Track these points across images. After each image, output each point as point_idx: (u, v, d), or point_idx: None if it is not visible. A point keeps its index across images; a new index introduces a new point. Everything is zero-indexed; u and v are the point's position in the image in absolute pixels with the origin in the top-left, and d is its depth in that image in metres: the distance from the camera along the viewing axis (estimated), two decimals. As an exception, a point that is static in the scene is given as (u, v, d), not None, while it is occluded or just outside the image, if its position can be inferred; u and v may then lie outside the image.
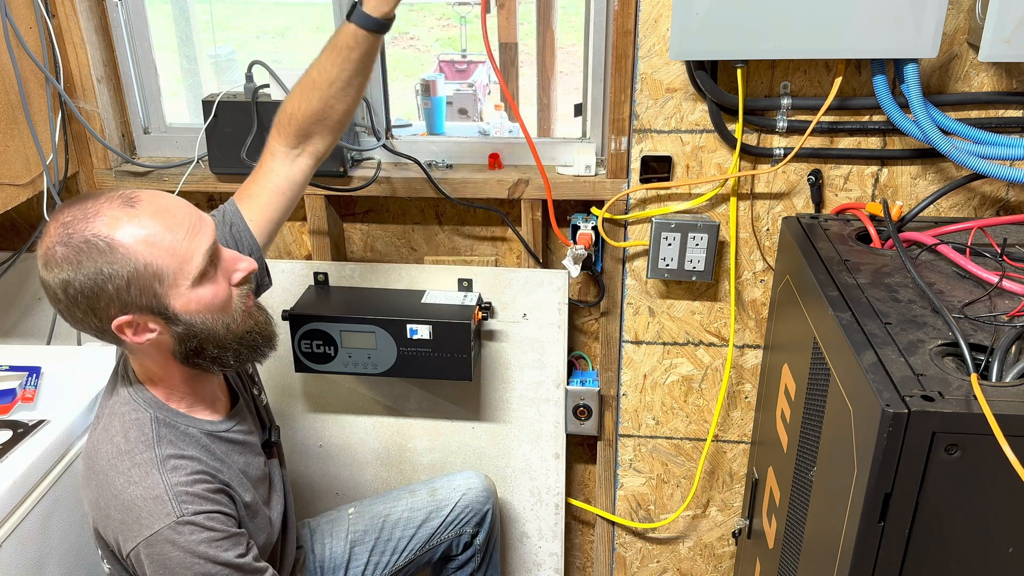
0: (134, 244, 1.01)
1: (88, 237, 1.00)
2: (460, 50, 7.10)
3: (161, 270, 1.02)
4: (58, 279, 1.01)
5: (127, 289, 1.01)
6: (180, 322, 1.06)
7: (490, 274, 1.67)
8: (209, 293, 1.07)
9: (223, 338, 1.10)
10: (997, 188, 1.48)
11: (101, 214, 1.01)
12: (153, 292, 1.03)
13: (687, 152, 1.53)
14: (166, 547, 1.05)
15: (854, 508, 0.98)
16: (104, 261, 1.00)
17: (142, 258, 1.01)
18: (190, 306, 1.06)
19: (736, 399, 1.73)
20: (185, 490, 1.08)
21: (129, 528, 1.07)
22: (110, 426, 1.13)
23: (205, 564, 1.07)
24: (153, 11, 1.69)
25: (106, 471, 1.09)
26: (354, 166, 1.68)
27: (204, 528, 1.07)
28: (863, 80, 1.42)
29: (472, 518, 1.63)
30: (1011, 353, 1.01)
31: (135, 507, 1.06)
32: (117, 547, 1.10)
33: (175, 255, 1.03)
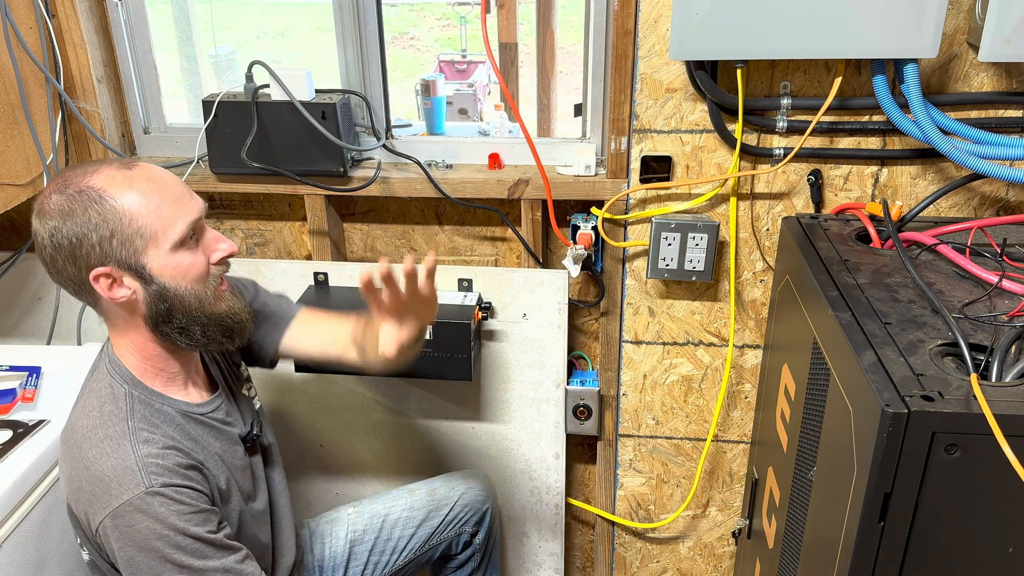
0: (123, 199, 1.07)
1: (82, 188, 1.07)
2: (460, 50, 7.11)
3: (144, 227, 1.08)
4: (48, 226, 1.07)
5: (110, 240, 1.06)
6: (154, 283, 1.10)
7: (490, 274, 1.67)
8: (186, 261, 1.12)
9: (194, 310, 1.13)
10: (997, 188, 1.48)
11: (99, 172, 1.09)
12: (134, 247, 1.08)
13: (687, 152, 1.53)
14: (134, 517, 1.06)
15: (854, 508, 0.98)
16: (93, 211, 1.06)
17: (128, 213, 1.07)
18: (166, 270, 1.10)
19: (736, 399, 1.73)
20: (156, 462, 1.09)
21: (99, 499, 1.08)
22: (87, 402, 1.15)
23: (174, 536, 1.07)
24: (153, 11, 1.69)
25: (80, 443, 1.11)
26: (354, 166, 1.68)
27: (173, 500, 1.08)
28: (863, 80, 1.42)
29: (471, 517, 1.63)
30: (1011, 353, 1.01)
31: (105, 478, 1.08)
32: (87, 523, 1.10)
33: (159, 216, 1.09)
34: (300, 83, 1.57)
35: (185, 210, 1.11)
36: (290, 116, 1.57)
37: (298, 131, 1.59)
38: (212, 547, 1.11)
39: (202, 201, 1.16)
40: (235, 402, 1.33)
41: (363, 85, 1.68)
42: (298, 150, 1.61)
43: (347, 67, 1.67)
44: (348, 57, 1.66)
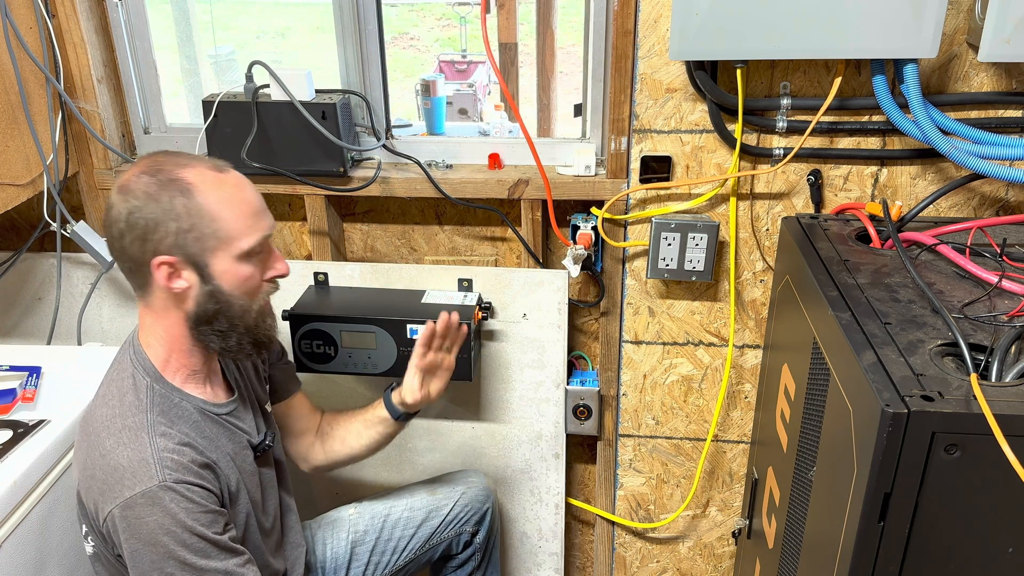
0: (211, 198, 1.11)
1: (175, 177, 1.10)
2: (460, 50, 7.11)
3: (221, 229, 1.11)
4: (128, 204, 1.10)
5: (187, 232, 1.10)
6: (211, 283, 1.14)
7: (490, 274, 1.67)
8: (246, 272, 1.16)
9: (236, 318, 1.17)
10: (997, 188, 1.48)
11: (193, 167, 1.12)
12: (205, 246, 1.11)
13: (687, 152, 1.53)
14: (144, 510, 1.07)
15: (854, 508, 0.98)
16: (180, 201, 1.09)
17: (211, 212, 1.11)
18: (226, 275, 1.14)
19: (736, 399, 1.73)
20: (172, 457, 1.10)
21: (111, 489, 1.08)
22: (108, 392, 1.17)
23: (181, 532, 1.08)
24: (153, 11, 1.69)
25: (98, 431, 1.12)
26: (354, 166, 1.68)
27: (184, 497, 1.09)
28: (863, 80, 1.42)
29: (471, 517, 1.63)
30: (1011, 353, 1.01)
31: (119, 468, 1.08)
32: (95, 512, 1.11)
33: (237, 224, 1.13)
34: (300, 83, 1.57)
35: (260, 225, 1.16)
36: (290, 116, 1.57)
37: (298, 131, 1.59)
38: (216, 548, 1.11)
39: (273, 220, 1.21)
40: (252, 411, 1.34)
41: (363, 85, 1.68)
42: (298, 150, 1.61)
43: (347, 67, 1.67)
44: (348, 57, 1.66)
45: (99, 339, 1.81)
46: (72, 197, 1.77)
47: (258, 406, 1.38)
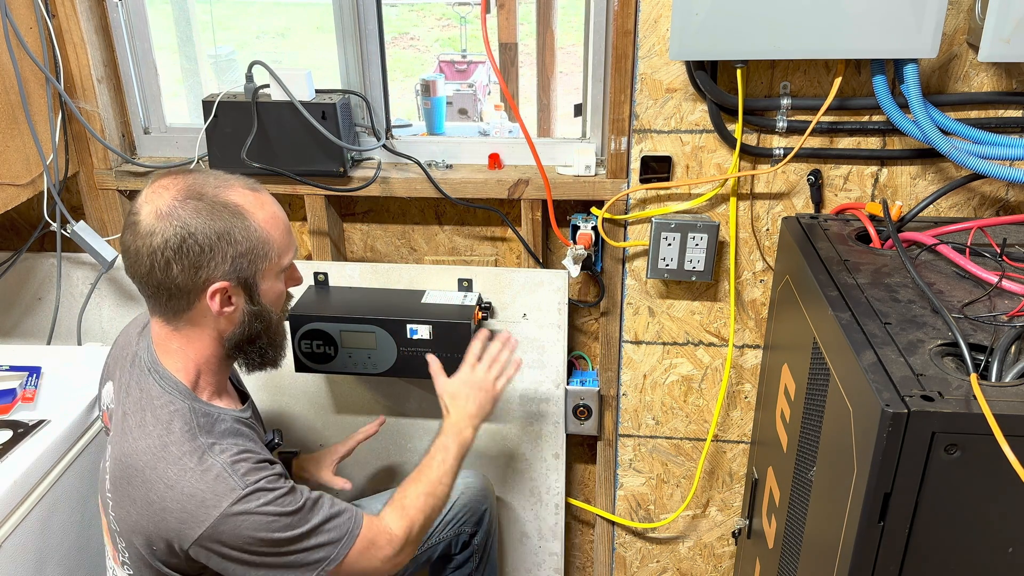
0: (260, 220, 1.11)
1: (225, 201, 1.09)
2: (460, 50, 7.12)
3: (271, 249, 1.13)
4: (179, 230, 1.06)
5: (244, 255, 1.10)
6: (258, 303, 1.15)
7: (490, 274, 1.67)
8: (279, 287, 1.18)
9: (274, 333, 1.20)
10: (997, 188, 1.48)
11: (233, 188, 1.11)
12: (257, 268, 1.12)
13: (687, 152, 1.53)
14: (239, 519, 1.07)
15: (854, 508, 0.98)
16: (236, 225, 1.08)
17: (264, 233, 1.11)
18: (269, 293, 1.16)
19: (736, 399, 1.73)
20: (241, 463, 1.10)
21: (194, 515, 1.07)
22: (144, 422, 1.12)
23: (280, 519, 1.09)
24: (153, 11, 1.69)
25: (154, 465, 1.09)
26: (354, 166, 1.68)
27: (270, 490, 1.10)
28: (863, 80, 1.42)
29: (470, 517, 1.63)
30: (1011, 353, 1.01)
31: (197, 492, 1.07)
32: (177, 540, 1.09)
33: (284, 240, 1.15)
34: (300, 83, 1.57)
35: (293, 240, 1.18)
36: (290, 116, 1.57)
37: (298, 131, 1.59)
38: (307, 509, 1.13)
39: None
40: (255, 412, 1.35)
41: (363, 85, 1.68)
42: (298, 150, 1.61)
43: (347, 67, 1.67)
44: (348, 57, 1.66)
45: (99, 339, 1.81)
46: (72, 197, 1.77)
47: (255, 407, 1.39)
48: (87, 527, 1.39)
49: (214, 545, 1.08)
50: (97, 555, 1.41)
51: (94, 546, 1.41)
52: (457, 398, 1.39)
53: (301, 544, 1.12)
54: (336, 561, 1.15)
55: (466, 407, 1.38)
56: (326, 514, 1.15)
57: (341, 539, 1.15)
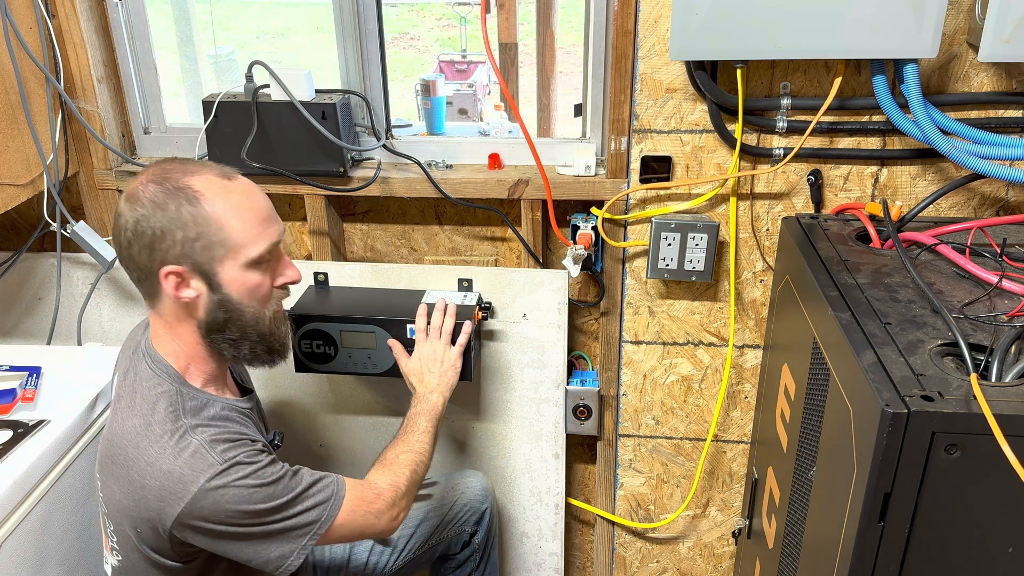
0: (218, 206, 1.10)
1: (182, 186, 1.10)
2: (460, 50, 7.12)
3: (229, 238, 1.11)
4: (136, 213, 1.09)
5: (194, 241, 1.09)
6: (220, 292, 1.13)
7: (490, 274, 1.67)
8: (255, 280, 1.15)
9: (249, 327, 1.17)
10: (997, 188, 1.48)
11: (200, 174, 1.12)
12: (212, 255, 1.11)
13: (687, 152, 1.53)
14: (219, 493, 1.08)
15: (854, 508, 0.98)
16: (186, 209, 1.09)
17: (218, 220, 1.10)
18: (235, 283, 1.13)
19: (736, 399, 1.73)
20: (220, 441, 1.12)
21: (172, 491, 1.08)
22: (133, 403, 1.15)
23: (261, 490, 1.10)
24: (153, 11, 1.69)
25: (137, 443, 1.11)
26: (354, 166, 1.68)
27: (248, 463, 1.11)
28: (863, 80, 1.42)
29: (470, 517, 1.63)
30: (1011, 353, 1.01)
31: (175, 469, 1.09)
32: (158, 520, 1.11)
33: (245, 232, 1.12)
34: (300, 83, 1.57)
35: (268, 232, 1.15)
36: (290, 116, 1.57)
37: (298, 131, 1.59)
38: (288, 478, 1.14)
39: (283, 225, 1.20)
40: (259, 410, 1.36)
41: (363, 85, 1.68)
42: (298, 150, 1.61)
43: (347, 67, 1.67)
44: (348, 57, 1.66)
45: (99, 339, 1.81)
46: (72, 197, 1.77)
47: (260, 408, 1.39)
48: (87, 527, 1.39)
49: (196, 522, 1.09)
50: (97, 555, 1.41)
51: (94, 546, 1.41)
52: (419, 373, 1.46)
53: (288, 511, 1.13)
54: (328, 522, 1.16)
55: (428, 380, 1.44)
56: (308, 480, 1.16)
57: (328, 500, 1.17)
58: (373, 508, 1.22)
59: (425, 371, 1.46)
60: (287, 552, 1.15)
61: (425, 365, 1.46)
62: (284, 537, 1.14)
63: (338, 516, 1.17)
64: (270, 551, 1.14)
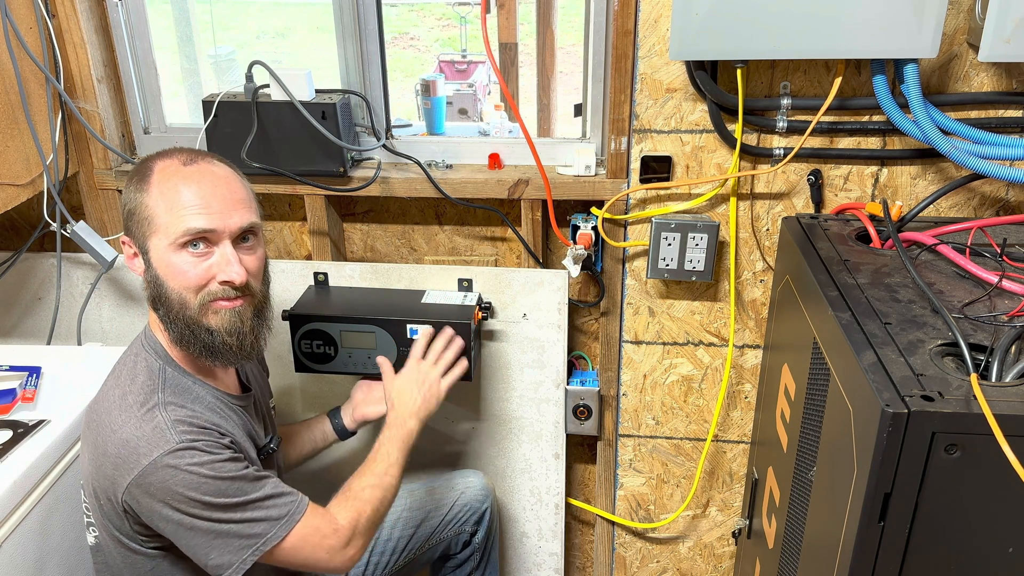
0: (155, 186, 1.15)
1: (145, 166, 1.18)
2: (460, 50, 7.12)
3: (152, 218, 1.15)
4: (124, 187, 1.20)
5: (132, 215, 1.17)
6: (151, 268, 1.17)
7: (490, 274, 1.67)
8: (184, 264, 1.15)
9: (175, 310, 1.17)
10: (997, 188, 1.48)
11: (166, 157, 1.18)
12: (143, 231, 1.16)
13: (687, 152, 1.53)
14: (166, 472, 1.08)
15: (854, 508, 0.98)
16: (133, 187, 1.17)
17: (150, 200, 1.15)
18: (161, 263, 1.16)
19: (736, 399, 1.73)
20: (186, 421, 1.12)
21: (126, 461, 1.09)
22: (119, 373, 1.19)
23: (211, 482, 1.10)
24: (153, 11, 1.69)
25: (109, 410, 1.14)
26: (354, 166, 1.68)
27: (204, 452, 1.10)
28: (863, 80, 1.42)
29: (470, 516, 1.63)
30: (1011, 353, 1.01)
31: (133, 439, 1.10)
32: (112, 489, 1.11)
33: (170, 214, 1.14)
34: (300, 83, 1.57)
35: (200, 217, 1.13)
36: (290, 116, 1.57)
37: (298, 131, 1.59)
38: (246, 481, 1.13)
39: (239, 219, 1.16)
40: (259, 412, 1.36)
41: (363, 85, 1.68)
42: (298, 150, 1.61)
43: (347, 67, 1.67)
44: (348, 57, 1.66)
45: (99, 339, 1.81)
46: (72, 197, 1.77)
47: (264, 409, 1.39)
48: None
49: (144, 497, 1.09)
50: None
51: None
52: (402, 393, 1.41)
53: (237, 514, 1.12)
54: (274, 540, 1.14)
55: (410, 403, 1.40)
56: (268, 492, 1.15)
57: (281, 518, 1.15)
58: (326, 543, 1.18)
59: (407, 391, 1.41)
60: (226, 563, 1.12)
61: (409, 385, 1.42)
62: (225, 542, 1.12)
63: (287, 538, 1.14)
64: (209, 554, 1.12)
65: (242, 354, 1.20)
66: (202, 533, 1.11)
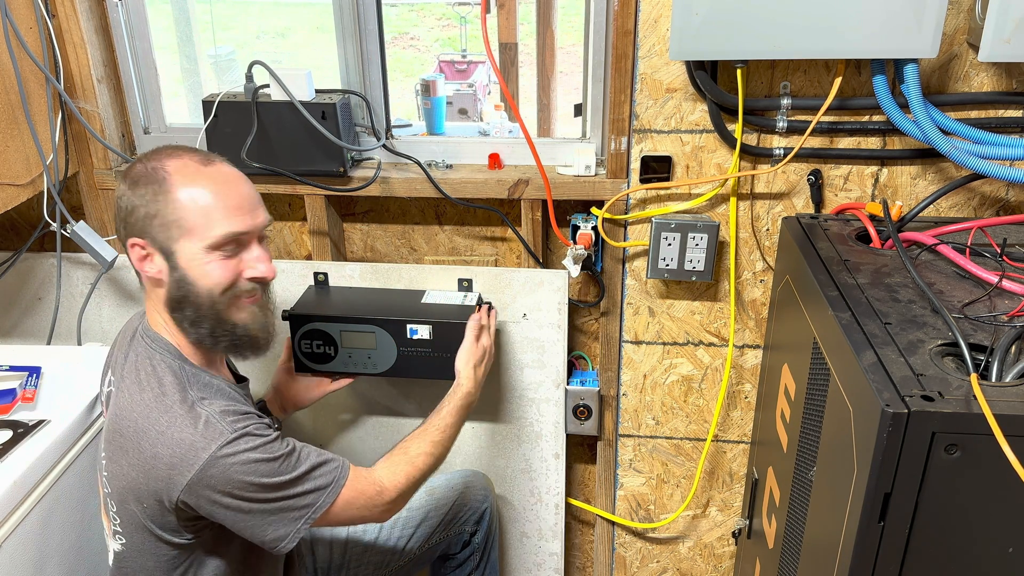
0: (181, 189, 1.15)
1: (156, 167, 1.16)
2: (460, 50, 7.12)
3: (184, 220, 1.15)
4: (121, 188, 1.18)
5: (152, 219, 1.15)
6: (177, 270, 1.17)
7: (490, 274, 1.67)
8: (214, 264, 1.17)
9: (204, 308, 1.19)
10: (997, 188, 1.48)
11: (178, 157, 1.18)
12: (169, 234, 1.15)
13: (687, 152, 1.53)
14: (228, 461, 1.11)
15: (854, 508, 0.98)
16: (150, 190, 1.15)
17: (176, 203, 1.15)
18: (192, 264, 1.16)
19: (736, 399, 1.73)
20: (229, 411, 1.15)
21: (183, 458, 1.10)
22: (139, 379, 1.18)
23: (267, 464, 1.13)
24: (153, 11, 1.69)
25: (147, 415, 1.14)
26: (354, 166, 1.68)
27: (256, 435, 1.14)
28: (863, 80, 1.42)
29: (470, 517, 1.63)
30: (1011, 353, 1.01)
31: (186, 438, 1.11)
32: (166, 490, 1.12)
33: (204, 216, 1.15)
34: (300, 83, 1.57)
35: (234, 219, 1.17)
36: (290, 116, 1.57)
37: (298, 131, 1.59)
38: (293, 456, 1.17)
39: (263, 218, 1.22)
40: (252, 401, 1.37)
41: (363, 85, 1.68)
42: (298, 150, 1.61)
43: (347, 67, 1.67)
44: (348, 57, 1.66)
45: (99, 339, 1.81)
46: (72, 197, 1.77)
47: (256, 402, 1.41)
48: (87, 527, 1.39)
49: (204, 491, 1.11)
50: (97, 555, 1.41)
51: (94, 546, 1.41)
52: (474, 366, 1.48)
53: (289, 491, 1.15)
54: (323, 508, 1.18)
55: (477, 374, 1.48)
56: (314, 462, 1.18)
57: (328, 486, 1.19)
58: (371, 503, 1.24)
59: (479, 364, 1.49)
60: (282, 535, 1.17)
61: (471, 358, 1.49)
62: (281, 517, 1.16)
63: (335, 504, 1.20)
64: (266, 531, 1.16)
65: (267, 346, 1.27)
66: (260, 514, 1.15)
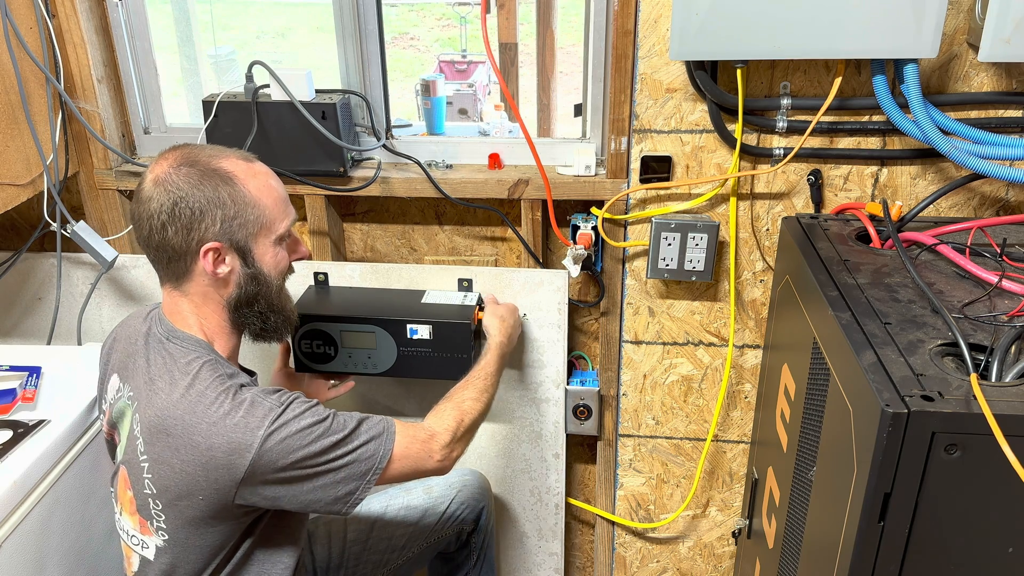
0: (251, 186, 1.18)
1: (215, 167, 1.16)
2: (460, 50, 7.11)
3: (263, 214, 1.19)
4: (171, 195, 1.14)
5: (233, 218, 1.16)
6: (253, 266, 1.21)
7: (490, 274, 1.67)
8: (280, 254, 1.24)
9: (274, 299, 1.25)
10: (997, 188, 1.48)
11: (226, 158, 1.18)
12: (248, 231, 1.18)
13: (687, 152, 1.53)
14: (282, 432, 1.13)
15: (854, 508, 0.98)
16: (224, 189, 1.15)
17: (254, 197, 1.18)
18: (266, 257, 1.21)
19: (736, 399, 1.73)
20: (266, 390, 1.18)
21: (240, 442, 1.11)
22: (173, 379, 1.17)
23: (319, 426, 1.16)
24: (153, 11, 1.69)
25: (192, 410, 1.14)
26: (354, 166, 1.68)
27: (299, 401, 1.17)
28: (863, 80, 1.42)
29: (468, 515, 1.63)
30: (1011, 353, 1.01)
31: (239, 421, 1.12)
32: (227, 477, 1.13)
33: (276, 208, 1.21)
34: (300, 83, 1.57)
35: (291, 210, 1.24)
36: (290, 116, 1.57)
37: (298, 131, 1.59)
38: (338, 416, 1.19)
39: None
40: None
41: (363, 85, 1.68)
42: (298, 150, 1.61)
43: (347, 67, 1.67)
44: (348, 57, 1.66)
45: (99, 339, 1.81)
46: (72, 197, 1.77)
47: None
48: (87, 527, 1.39)
49: (266, 471, 1.13)
50: (97, 555, 1.41)
51: (94, 546, 1.41)
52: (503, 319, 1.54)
53: (349, 445, 1.18)
54: (386, 456, 1.20)
55: (505, 322, 1.54)
56: (360, 417, 1.22)
57: (382, 434, 1.21)
58: (425, 449, 1.26)
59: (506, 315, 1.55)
60: (354, 488, 1.19)
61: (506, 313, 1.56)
62: (348, 472, 1.18)
63: (394, 450, 1.22)
64: (338, 489, 1.18)
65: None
66: (326, 474, 1.16)
